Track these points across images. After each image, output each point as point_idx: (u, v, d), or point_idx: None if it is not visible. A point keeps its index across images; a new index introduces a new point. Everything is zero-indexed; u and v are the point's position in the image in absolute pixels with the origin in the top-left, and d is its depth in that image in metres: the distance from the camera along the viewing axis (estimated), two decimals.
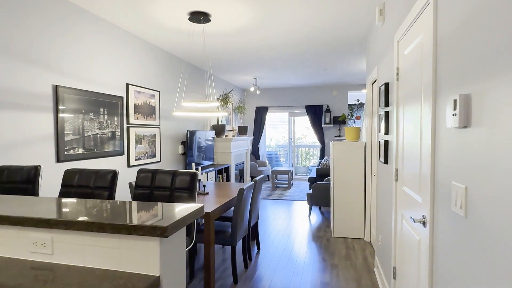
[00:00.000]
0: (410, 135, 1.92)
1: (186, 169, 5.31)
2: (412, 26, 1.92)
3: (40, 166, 2.03)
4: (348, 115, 4.37)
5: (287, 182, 8.00)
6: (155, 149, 4.55)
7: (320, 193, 5.07)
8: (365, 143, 4.10)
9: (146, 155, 4.34)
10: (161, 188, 1.84)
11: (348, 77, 7.32)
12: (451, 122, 1.22)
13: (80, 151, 3.20)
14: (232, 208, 3.85)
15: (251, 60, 5.54)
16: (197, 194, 3.40)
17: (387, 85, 2.63)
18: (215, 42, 4.44)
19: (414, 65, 1.87)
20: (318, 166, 8.17)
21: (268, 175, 9.01)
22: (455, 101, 1.18)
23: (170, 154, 5.02)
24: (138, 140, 4.16)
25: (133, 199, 1.83)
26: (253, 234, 4.08)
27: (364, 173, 4.10)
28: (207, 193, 3.43)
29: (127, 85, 3.93)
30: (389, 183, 2.58)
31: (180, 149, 5.32)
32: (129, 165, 3.97)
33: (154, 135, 4.53)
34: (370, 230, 4.02)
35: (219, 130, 6.68)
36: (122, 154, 3.85)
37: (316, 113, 8.65)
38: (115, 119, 3.73)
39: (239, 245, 3.98)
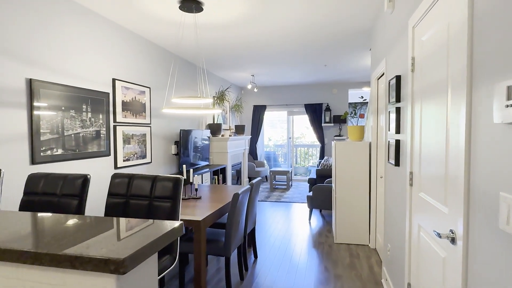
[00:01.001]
0: (432, 134, 1.64)
1: (179, 170, 5.03)
2: (432, 8, 1.65)
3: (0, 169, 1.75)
4: (351, 113, 4.10)
5: (285, 183, 7.72)
6: (146, 150, 4.26)
7: (321, 196, 4.80)
8: (370, 143, 3.83)
9: (136, 155, 4.05)
10: (139, 197, 1.55)
11: (349, 74, 7.05)
12: (502, 116, 0.94)
13: (59, 151, 2.91)
14: (227, 214, 3.57)
15: (248, 56, 5.26)
16: (189, 198, 3.12)
17: (398, 78, 2.35)
18: (209, 35, 4.15)
19: (436, 52, 1.59)
20: (318, 167, 7.90)
21: (266, 176, 8.74)
22: (509, 88, 0.90)
23: (162, 155, 4.74)
24: (127, 140, 3.87)
25: (106, 211, 1.55)
26: (250, 241, 3.80)
27: (369, 175, 3.83)
28: (199, 198, 3.15)
29: (113, 80, 3.64)
30: (401, 188, 2.30)
31: (173, 149, 5.04)
32: (116, 167, 3.68)
33: (144, 135, 4.24)
34: (375, 236, 3.75)
35: (215, 129, 6.40)
36: (108, 155, 3.56)
37: (315, 111, 8.38)
38: (100, 117, 3.44)
39: (234, 253, 3.70)
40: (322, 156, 8.40)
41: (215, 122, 6.80)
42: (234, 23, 3.72)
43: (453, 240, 1.35)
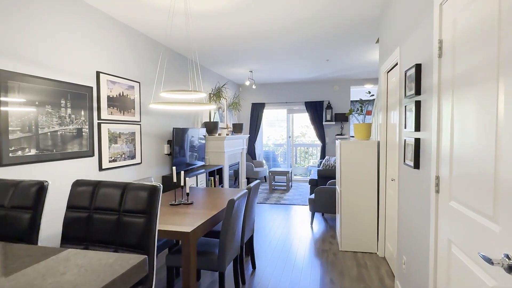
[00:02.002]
0: (472, 132, 1.33)
1: (171, 171, 4.70)
2: None
3: None
4: (357, 109, 3.79)
5: (285, 184, 7.41)
6: (135, 149, 3.94)
7: (323, 199, 4.49)
8: (378, 142, 3.52)
9: (123, 156, 3.72)
10: (105, 210, 1.23)
11: (352, 70, 6.74)
12: None
13: (33, 152, 2.58)
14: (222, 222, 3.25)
15: (244, 49, 4.94)
16: (179, 204, 2.80)
17: (418, 67, 2.04)
18: (201, 25, 3.83)
19: (477, 32, 1.28)
20: (319, 167, 7.59)
21: (265, 176, 8.42)
22: None
23: (154, 155, 4.41)
24: (113, 139, 3.55)
25: (64, 230, 1.24)
26: (247, 249, 3.48)
27: (377, 177, 3.52)
28: (191, 203, 2.83)
29: (98, 73, 3.32)
30: (422, 194, 1.99)
31: (166, 149, 4.71)
32: (101, 168, 3.35)
33: (134, 133, 3.92)
34: (384, 243, 3.44)
35: (211, 127, 6.07)
36: (92, 155, 3.23)
37: (316, 109, 8.06)
38: (82, 113, 3.11)
39: (230, 265, 3.38)
40: (323, 155, 8.09)
41: (212, 120, 6.48)
42: (227, 11, 3.39)
43: (509, 269, 1.04)
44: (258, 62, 5.89)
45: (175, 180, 2.75)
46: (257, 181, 3.14)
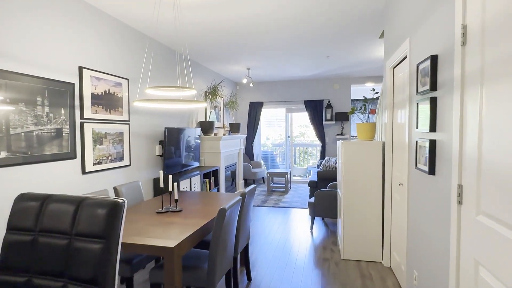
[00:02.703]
0: (508, 134, 1.08)
1: (164, 173, 4.45)
2: None
3: None
4: (360, 108, 3.54)
5: (284, 185, 7.17)
6: (123, 151, 3.69)
7: (324, 203, 4.24)
8: (384, 143, 3.28)
9: (110, 158, 3.47)
10: (54, 233, 0.97)
11: (352, 67, 6.49)
12: None
13: (3, 154, 2.33)
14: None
15: (241, 45, 4.68)
16: (166, 211, 2.55)
17: (434, 59, 1.79)
18: (193, 19, 3.57)
19: None
20: (319, 168, 7.35)
21: (263, 177, 8.17)
22: None
23: (145, 156, 4.16)
24: (98, 140, 3.29)
25: (3, 255, 0.98)
26: (242, 259, 3.24)
27: (382, 181, 3.27)
28: (180, 211, 2.58)
29: (80, 68, 3.06)
30: (439, 204, 1.75)
31: (158, 150, 4.46)
32: (84, 172, 3.10)
33: (122, 133, 3.66)
34: (390, 252, 3.20)
35: (206, 127, 5.82)
36: (74, 157, 2.98)
37: (316, 108, 7.81)
38: (62, 112, 2.85)
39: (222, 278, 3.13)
40: (323, 156, 7.84)
41: (207, 120, 6.23)
42: (219, 2, 3.14)
43: None
44: (255, 59, 5.64)
45: (162, 185, 2.50)
46: (253, 185, 2.89)
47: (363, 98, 3.45)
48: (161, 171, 2.52)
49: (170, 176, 2.59)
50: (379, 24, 3.82)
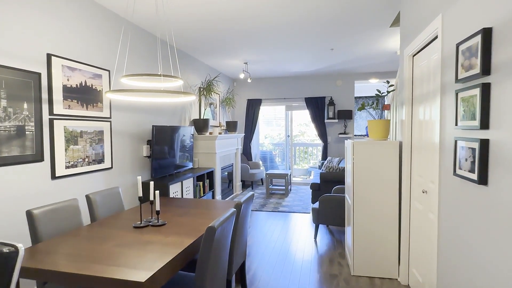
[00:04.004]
0: None
1: (152, 177, 4.02)
2: None
3: None
4: (373, 103, 3.13)
5: (284, 187, 6.75)
6: (103, 152, 3.25)
7: (330, 209, 3.82)
8: (400, 143, 2.86)
9: (87, 160, 3.04)
10: None
11: (357, 62, 6.07)
12: None
13: None
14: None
15: (237, 36, 4.25)
16: (146, 225, 2.12)
17: (487, 34, 1.37)
18: (184, 8, 3.14)
19: None
20: (321, 169, 6.93)
21: (262, 179, 7.75)
22: None
23: (129, 158, 3.72)
24: (72, 139, 2.86)
25: None
26: (238, 277, 2.81)
27: (399, 187, 2.86)
28: (163, 224, 2.15)
29: (49, 56, 2.62)
30: (493, 223, 1.32)
31: (145, 151, 4.02)
32: (54, 176, 2.67)
33: (101, 132, 3.23)
34: (407, 268, 2.78)
35: (201, 125, 5.39)
36: (40, 160, 2.54)
37: (317, 106, 7.39)
38: (25, 106, 2.42)
39: None
40: (324, 156, 7.42)
41: (202, 117, 5.80)
42: None
43: None
44: (253, 52, 5.21)
45: (140, 193, 2.07)
46: (250, 193, 2.46)
47: (377, 91, 3.04)
48: (139, 177, 2.09)
49: (151, 183, 2.16)
50: (391, 8, 3.40)
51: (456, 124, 1.66)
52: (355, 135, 7.78)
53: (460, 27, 1.67)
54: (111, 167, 3.38)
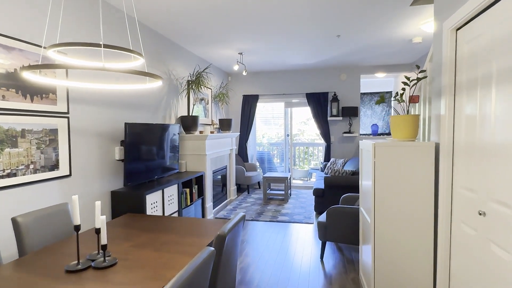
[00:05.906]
0: None
1: (127, 184, 3.35)
2: None
3: None
4: (396, 95, 2.48)
5: (283, 192, 6.09)
6: (58, 155, 2.58)
7: (340, 224, 3.17)
8: (437, 145, 2.21)
9: (33, 166, 2.37)
10: None
11: (364, 53, 5.42)
12: None
13: None
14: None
15: (231, 21, 3.58)
16: (85, 269, 1.46)
17: None
18: None
19: None
20: (324, 172, 6.28)
21: (259, 182, 7.09)
22: None
23: (97, 162, 3.05)
24: (8, 140, 2.19)
25: None
26: None
27: (434, 202, 2.21)
28: (113, 265, 1.48)
29: None
30: None
31: (118, 153, 3.35)
32: None
33: (55, 130, 2.56)
34: None
35: (189, 123, 4.73)
36: None
37: (319, 102, 6.74)
38: None
39: None
40: (327, 157, 6.78)
41: (190, 114, 5.13)
42: None
43: None
44: (249, 40, 4.54)
45: (77, 221, 1.41)
46: (240, 214, 1.80)
47: (406, 78, 2.39)
48: (74, 197, 1.43)
49: (97, 203, 1.50)
50: None
51: None
52: (361, 134, 7.13)
53: None
54: (69, 175, 2.70)
